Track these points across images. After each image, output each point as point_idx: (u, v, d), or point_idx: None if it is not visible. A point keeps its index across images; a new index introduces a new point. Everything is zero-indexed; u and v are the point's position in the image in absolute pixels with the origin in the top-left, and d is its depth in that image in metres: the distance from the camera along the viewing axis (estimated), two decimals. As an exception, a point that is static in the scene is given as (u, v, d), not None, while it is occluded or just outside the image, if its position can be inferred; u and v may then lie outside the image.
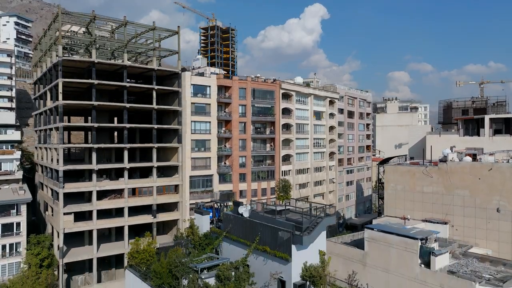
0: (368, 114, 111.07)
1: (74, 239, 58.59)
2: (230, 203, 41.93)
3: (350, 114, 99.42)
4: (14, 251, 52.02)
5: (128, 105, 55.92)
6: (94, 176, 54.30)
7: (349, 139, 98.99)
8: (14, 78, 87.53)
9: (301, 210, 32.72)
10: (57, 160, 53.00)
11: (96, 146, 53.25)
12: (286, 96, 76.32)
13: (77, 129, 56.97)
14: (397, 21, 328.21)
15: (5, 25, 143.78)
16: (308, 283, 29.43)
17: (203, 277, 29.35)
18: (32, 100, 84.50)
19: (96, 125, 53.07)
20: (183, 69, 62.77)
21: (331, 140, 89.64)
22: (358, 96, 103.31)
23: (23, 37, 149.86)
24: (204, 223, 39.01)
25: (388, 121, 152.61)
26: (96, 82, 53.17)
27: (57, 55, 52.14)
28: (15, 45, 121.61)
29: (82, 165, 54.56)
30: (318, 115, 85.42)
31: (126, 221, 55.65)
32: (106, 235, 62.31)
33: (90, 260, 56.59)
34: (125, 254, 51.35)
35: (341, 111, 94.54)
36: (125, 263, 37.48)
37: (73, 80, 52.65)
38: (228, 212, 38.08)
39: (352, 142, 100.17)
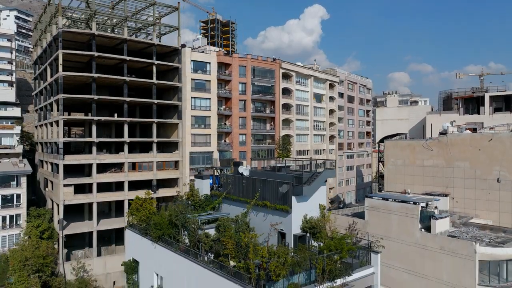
0: (368, 101, 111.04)
1: (74, 215, 58.57)
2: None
3: (350, 99, 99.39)
4: (14, 223, 51.99)
5: (128, 78, 55.90)
6: (94, 149, 54.25)
7: (349, 123, 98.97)
8: (14, 63, 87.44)
9: (302, 163, 32.67)
10: (57, 132, 52.95)
11: (96, 118, 53.19)
12: (286, 77, 76.30)
13: (77, 104, 56.68)
14: (397, 22, 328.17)
15: (5, 19, 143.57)
16: (308, 235, 29.36)
17: (203, 227, 29.33)
18: (32, 89, 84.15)
19: (96, 97, 53.02)
20: (183, 45, 62.70)
21: (331, 124, 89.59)
22: (359, 82, 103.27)
23: (23, 31, 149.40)
24: (204, 187, 38.89)
25: (388, 115, 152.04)
26: (96, 54, 53.12)
27: (57, 27, 52.05)
28: (16, 39, 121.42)
29: (82, 138, 54.36)
30: (318, 97, 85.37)
31: (126, 195, 55.55)
32: (106, 213, 62.33)
33: (90, 236, 56.57)
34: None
35: (341, 95, 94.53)
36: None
37: (74, 52, 52.58)
38: (228, 174, 38.07)
39: (352, 127, 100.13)
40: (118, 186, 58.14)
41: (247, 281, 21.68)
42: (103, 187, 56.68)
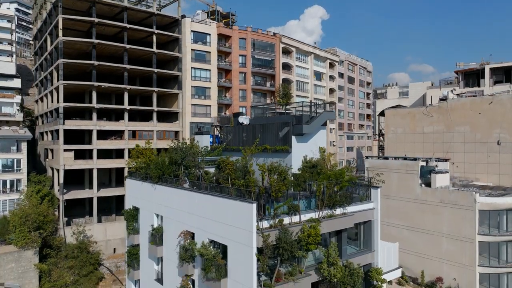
0: (368, 83, 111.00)
1: (74, 184, 58.70)
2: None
3: (351, 80, 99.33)
4: (15, 188, 52.02)
5: (128, 46, 55.90)
6: (94, 115, 54.28)
7: (349, 104, 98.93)
8: (14, 44, 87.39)
9: (301, 107, 32.67)
10: (58, 98, 52.95)
11: (96, 84, 53.20)
12: (286, 52, 76.27)
13: (77, 74, 56.53)
14: (397, 22, 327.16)
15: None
16: (308, 174, 29.31)
17: (202, 165, 29.34)
18: (32, 75, 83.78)
19: (96, 63, 53.03)
20: (183, 16, 62.69)
21: (331, 103, 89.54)
22: (359, 63, 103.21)
23: (24, 23, 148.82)
24: (204, 141, 38.89)
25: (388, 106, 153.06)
26: (96, 20, 53.18)
27: (57, -8, 52.08)
28: (16, 31, 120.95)
29: (83, 104, 54.35)
30: (318, 75, 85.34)
31: (126, 162, 55.40)
32: (106, 184, 62.38)
33: (91, 204, 56.65)
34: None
35: (341, 75, 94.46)
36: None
37: (74, 18, 52.61)
38: (228, 126, 38.09)
39: (352, 108, 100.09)
40: (119, 154, 58.19)
41: (247, 196, 21.70)
42: (104, 155, 56.71)
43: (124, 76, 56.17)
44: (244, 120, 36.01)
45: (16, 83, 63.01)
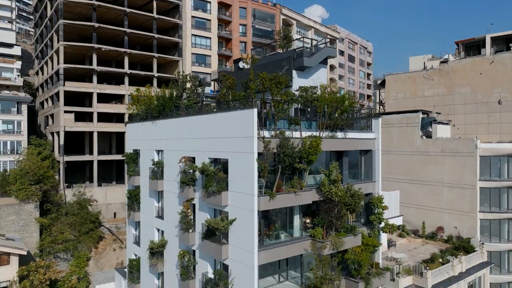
0: (369, 64, 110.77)
1: (74, 152, 58.58)
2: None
3: (351, 59, 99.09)
4: (15, 150, 51.95)
5: (128, 10, 55.77)
6: (94, 78, 54.19)
7: (350, 83, 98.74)
8: (14, 23, 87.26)
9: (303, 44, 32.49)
10: (58, 61, 52.87)
11: (96, 46, 53.10)
12: (287, 25, 76.00)
13: (78, 38, 56.43)
14: (397, 20, 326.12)
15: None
16: (308, 109, 29.21)
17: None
18: (32, 56, 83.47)
19: (96, 25, 52.92)
20: (183, -17, 62.52)
21: (332, 80, 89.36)
22: (359, 43, 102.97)
23: (24, 14, 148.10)
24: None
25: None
26: (96, -18, 53.08)
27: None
28: (16, 22, 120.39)
29: (83, 66, 54.18)
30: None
31: (127, 107, 55.07)
32: (106, 153, 62.27)
33: (91, 170, 56.61)
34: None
35: (341, 53, 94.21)
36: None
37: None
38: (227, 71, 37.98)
39: (352, 86, 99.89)
40: (119, 119, 58.10)
41: (247, 104, 21.63)
42: (104, 120, 56.57)
43: (125, 41, 56.05)
44: (244, 64, 35.87)
45: (16, 50, 62.88)
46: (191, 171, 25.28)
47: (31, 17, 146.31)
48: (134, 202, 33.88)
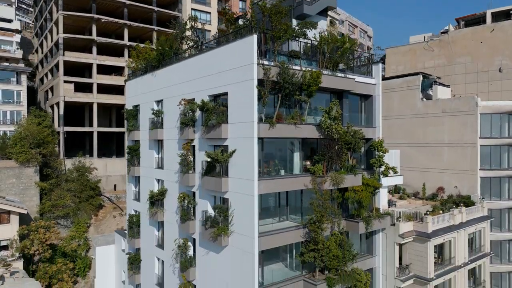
0: (369, 49, 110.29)
1: (73, 124, 58.46)
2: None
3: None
4: (15, 120, 51.81)
5: (127, -19, 55.57)
6: (94, 49, 54.07)
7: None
8: (14, 6, 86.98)
9: None
10: (57, 31, 52.72)
11: (96, 16, 52.96)
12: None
13: (77, 6, 55.77)
14: (397, 17, 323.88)
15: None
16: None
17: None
18: (32, 46, 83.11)
19: (95, -7, 52.75)
20: (183, -43, 62.29)
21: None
22: (359, 26, 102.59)
23: (24, 6, 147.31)
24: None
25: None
26: (95, -48, 52.88)
27: None
28: (16, 14, 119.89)
29: (82, 36, 53.94)
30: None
31: (126, 62, 54.81)
32: (106, 126, 62.12)
33: (91, 142, 56.58)
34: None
35: (341, 35, 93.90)
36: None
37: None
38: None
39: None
40: (119, 92, 57.92)
41: (248, 33, 21.47)
42: (104, 93, 56.47)
43: (124, 13, 55.89)
44: (241, 21, 35.72)
45: (15, 25, 62.68)
46: (190, 112, 25.22)
47: (31, 9, 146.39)
48: (134, 157, 33.84)
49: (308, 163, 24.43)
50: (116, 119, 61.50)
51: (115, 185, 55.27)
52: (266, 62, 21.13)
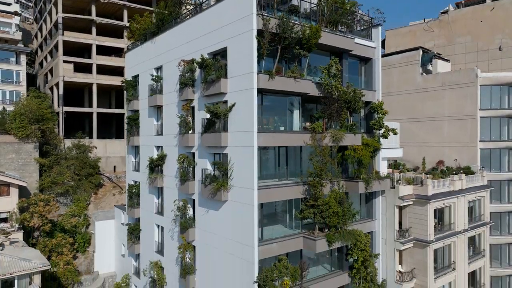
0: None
1: (73, 105, 58.34)
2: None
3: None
4: (14, 100, 51.67)
5: (127, -38, 55.42)
6: (93, 29, 53.98)
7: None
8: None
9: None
10: (56, 12, 52.60)
11: (95, -4, 52.83)
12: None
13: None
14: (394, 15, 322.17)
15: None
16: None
17: None
18: (32, 37, 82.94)
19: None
20: None
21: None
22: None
23: (23, 0, 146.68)
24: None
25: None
26: None
27: None
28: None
29: (82, 16, 53.76)
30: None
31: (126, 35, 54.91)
32: (106, 108, 61.93)
33: (90, 123, 56.50)
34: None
35: None
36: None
37: None
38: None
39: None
40: (119, 74, 57.81)
41: None
42: (104, 74, 56.32)
43: (123, -5, 55.79)
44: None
45: (14, 7, 62.60)
46: (190, 72, 25.16)
47: (30, 4, 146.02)
48: (133, 127, 33.82)
49: (307, 124, 24.38)
50: (116, 102, 61.39)
51: (114, 167, 55.15)
52: (265, 14, 21.08)
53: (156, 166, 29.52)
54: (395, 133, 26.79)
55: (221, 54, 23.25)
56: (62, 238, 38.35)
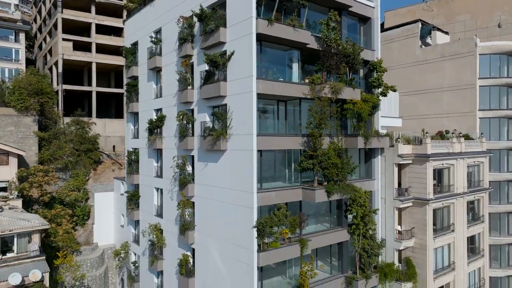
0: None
1: (72, 83, 58.26)
2: None
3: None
4: (13, 78, 51.54)
5: None
6: (93, 8, 53.91)
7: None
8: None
9: None
10: (55, -10, 52.54)
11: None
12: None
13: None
14: None
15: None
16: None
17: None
18: (31, 22, 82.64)
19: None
20: None
21: None
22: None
23: None
24: None
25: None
26: None
27: None
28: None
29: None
30: None
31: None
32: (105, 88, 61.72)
33: (90, 106, 56.42)
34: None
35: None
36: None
37: None
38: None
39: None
40: (118, 54, 57.72)
41: None
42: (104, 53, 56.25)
43: (123, -25, 55.69)
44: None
45: (14, -11, 62.52)
46: (189, 28, 25.14)
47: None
48: (133, 94, 33.79)
49: (307, 80, 24.35)
50: (115, 83, 61.30)
51: (114, 146, 55.09)
52: (264, -38, 21.06)
53: (155, 127, 29.51)
54: (394, 90, 26.82)
55: (220, 5, 23.21)
56: (61, 209, 38.30)
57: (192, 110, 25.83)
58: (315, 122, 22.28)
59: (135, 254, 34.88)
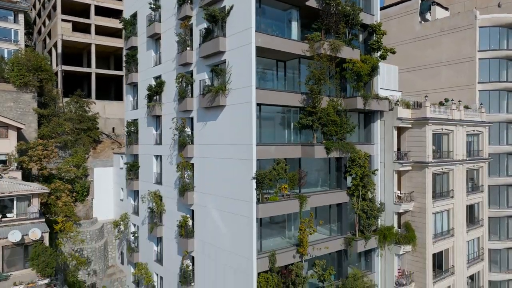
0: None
1: (72, 65, 58.23)
2: None
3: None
4: (13, 60, 51.51)
5: None
6: (92, -10, 53.89)
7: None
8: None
9: None
10: (54, -29, 52.49)
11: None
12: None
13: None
14: None
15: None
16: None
17: None
18: (30, 7, 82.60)
19: None
20: None
21: None
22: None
23: None
24: None
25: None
26: None
27: None
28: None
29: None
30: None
31: None
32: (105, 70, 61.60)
33: (89, 88, 56.41)
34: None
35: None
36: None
37: None
38: None
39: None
40: (119, 36, 57.69)
41: None
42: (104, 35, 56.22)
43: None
44: None
45: (13, -27, 62.31)
46: (187, -10, 25.12)
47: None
48: (132, 64, 33.78)
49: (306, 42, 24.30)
50: (114, 66, 61.24)
51: (113, 128, 55.05)
52: None
53: (154, 94, 29.50)
54: (393, 52, 26.77)
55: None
56: (61, 184, 38.29)
57: (191, 72, 25.81)
58: (315, 78, 22.25)
59: (134, 226, 34.89)
